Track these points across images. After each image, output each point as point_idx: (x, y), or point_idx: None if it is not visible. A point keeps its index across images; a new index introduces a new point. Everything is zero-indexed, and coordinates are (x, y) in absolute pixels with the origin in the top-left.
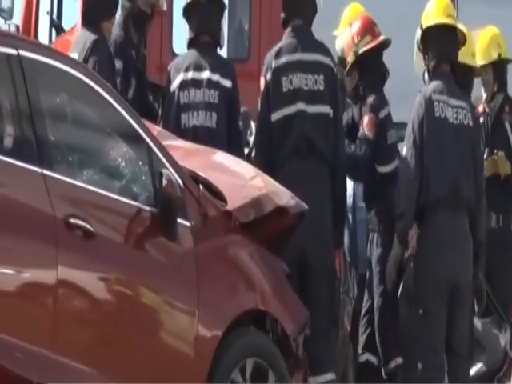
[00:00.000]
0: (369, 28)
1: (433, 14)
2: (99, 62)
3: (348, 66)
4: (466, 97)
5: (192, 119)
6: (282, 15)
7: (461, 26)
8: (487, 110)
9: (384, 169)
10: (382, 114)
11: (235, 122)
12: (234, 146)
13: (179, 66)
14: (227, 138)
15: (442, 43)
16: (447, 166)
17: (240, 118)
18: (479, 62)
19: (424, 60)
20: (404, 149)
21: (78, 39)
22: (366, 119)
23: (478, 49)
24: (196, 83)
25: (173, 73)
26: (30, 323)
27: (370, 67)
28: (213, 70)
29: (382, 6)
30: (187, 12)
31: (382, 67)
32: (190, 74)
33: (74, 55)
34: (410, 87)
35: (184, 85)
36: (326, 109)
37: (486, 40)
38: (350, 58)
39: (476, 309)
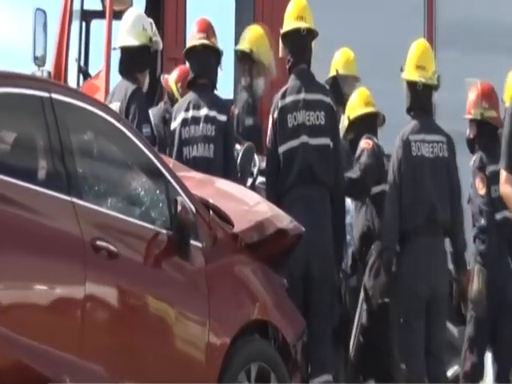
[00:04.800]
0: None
1: (407, 67)
2: (139, 108)
3: (469, 119)
4: (442, 131)
5: (192, 151)
6: (290, 61)
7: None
8: None
9: None
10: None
11: (230, 151)
12: (229, 174)
13: (180, 107)
14: (223, 166)
15: (415, 94)
16: (424, 196)
17: (235, 148)
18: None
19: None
20: (388, 187)
21: (117, 87)
22: (477, 180)
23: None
24: (195, 120)
25: (175, 113)
26: (62, 332)
27: (491, 133)
28: (210, 107)
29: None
30: (187, 56)
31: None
32: (191, 113)
33: (116, 102)
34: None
35: (185, 123)
36: (326, 140)
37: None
38: (474, 115)
39: (463, 311)
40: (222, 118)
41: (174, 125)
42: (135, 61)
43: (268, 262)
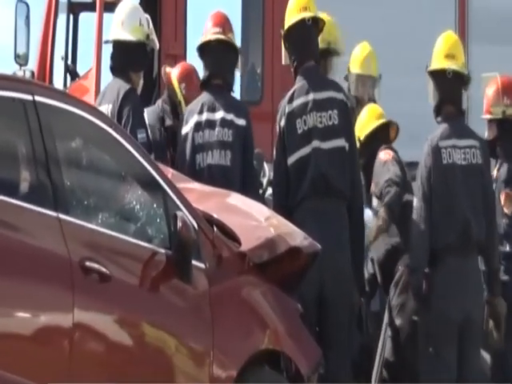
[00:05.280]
0: None
1: (436, 56)
2: (133, 111)
3: (489, 118)
4: (475, 134)
5: (207, 158)
6: (295, 58)
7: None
8: None
9: None
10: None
11: (250, 160)
12: (248, 185)
13: (193, 110)
14: (241, 177)
15: (444, 85)
16: (456, 211)
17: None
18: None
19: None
20: (415, 201)
21: (109, 87)
22: (502, 197)
23: None
24: (210, 124)
25: (187, 116)
26: (47, 367)
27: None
28: (227, 110)
29: (393, 46)
30: (201, 52)
31: None
32: (205, 116)
33: (107, 104)
34: (420, 127)
35: (198, 126)
36: (341, 142)
37: None
38: (494, 114)
39: (495, 335)
40: (241, 122)
41: (186, 129)
42: (129, 58)
43: (280, 284)
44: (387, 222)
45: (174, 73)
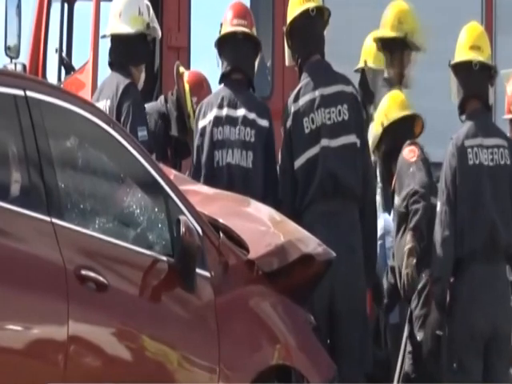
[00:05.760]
0: None
1: (460, 48)
2: (133, 107)
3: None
4: (502, 133)
5: (227, 157)
6: (299, 54)
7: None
8: None
9: None
10: None
11: (273, 164)
12: (270, 191)
13: (212, 103)
14: (263, 181)
15: (469, 79)
16: (483, 215)
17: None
18: None
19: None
20: (438, 205)
21: (107, 82)
22: None
23: None
24: (231, 120)
25: (205, 109)
26: (40, 382)
27: None
28: (249, 109)
29: None
30: (220, 46)
31: None
32: (225, 111)
33: (105, 100)
34: (448, 125)
35: (218, 121)
36: (352, 138)
37: None
38: None
39: None
40: (264, 122)
41: (204, 122)
42: (129, 51)
43: (291, 294)
44: (416, 246)
45: (185, 80)
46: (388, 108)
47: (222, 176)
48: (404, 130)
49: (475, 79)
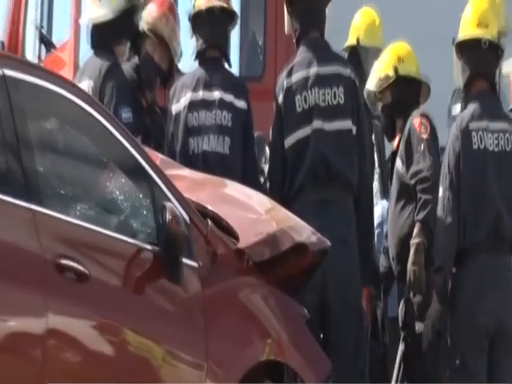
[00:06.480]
0: None
1: (466, 24)
2: (117, 87)
3: None
4: (508, 117)
5: (202, 144)
6: (297, 29)
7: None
8: None
9: None
10: None
11: (251, 148)
12: (249, 176)
13: (186, 85)
14: (241, 166)
15: (477, 57)
16: (487, 203)
17: (255, 145)
18: None
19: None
20: (440, 190)
21: (89, 62)
22: None
23: None
24: (207, 104)
25: (178, 92)
26: (16, 379)
27: None
28: (225, 90)
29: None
30: (195, 21)
31: None
32: (200, 94)
33: (87, 80)
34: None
35: (193, 106)
36: (347, 124)
37: None
38: None
39: None
40: (241, 104)
41: (178, 107)
42: (111, 33)
43: (283, 285)
44: (424, 241)
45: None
46: (406, 55)
47: (197, 164)
48: (414, 89)
49: (483, 58)
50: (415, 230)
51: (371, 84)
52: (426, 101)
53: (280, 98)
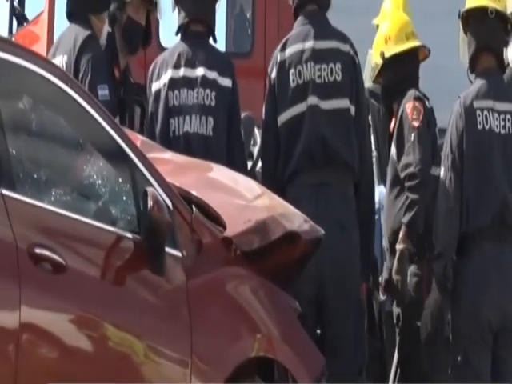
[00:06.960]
0: None
1: None
2: (93, 62)
3: None
4: None
5: (184, 125)
6: (294, 1)
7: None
8: None
9: None
10: None
11: (237, 129)
12: (235, 158)
13: (167, 62)
14: (226, 148)
15: (483, 28)
16: (492, 188)
17: (241, 125)
18: None
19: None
20: (441, 171)
21: (64, 35)
22: None
23: None
24: (188, 82)
25: (159, 69)
26: None
27: None
28: (209, 67)
29: None
30: None
31: None
32: (182, 71)
33: (62, 55)
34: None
35: (173, 84)
36: (344, 103)
37: None
38: None
39: None
40: (226, 82)
41: (158, 85)
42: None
43: (274, 277)
44: (410, 247)
45: None
46: (393, 31)
47: (178, 146)
48: (406, 65)
49: (490, 29)
50: (400, 234)
51: (366, 80)
52: (425, 60)
53: (273, 73)
